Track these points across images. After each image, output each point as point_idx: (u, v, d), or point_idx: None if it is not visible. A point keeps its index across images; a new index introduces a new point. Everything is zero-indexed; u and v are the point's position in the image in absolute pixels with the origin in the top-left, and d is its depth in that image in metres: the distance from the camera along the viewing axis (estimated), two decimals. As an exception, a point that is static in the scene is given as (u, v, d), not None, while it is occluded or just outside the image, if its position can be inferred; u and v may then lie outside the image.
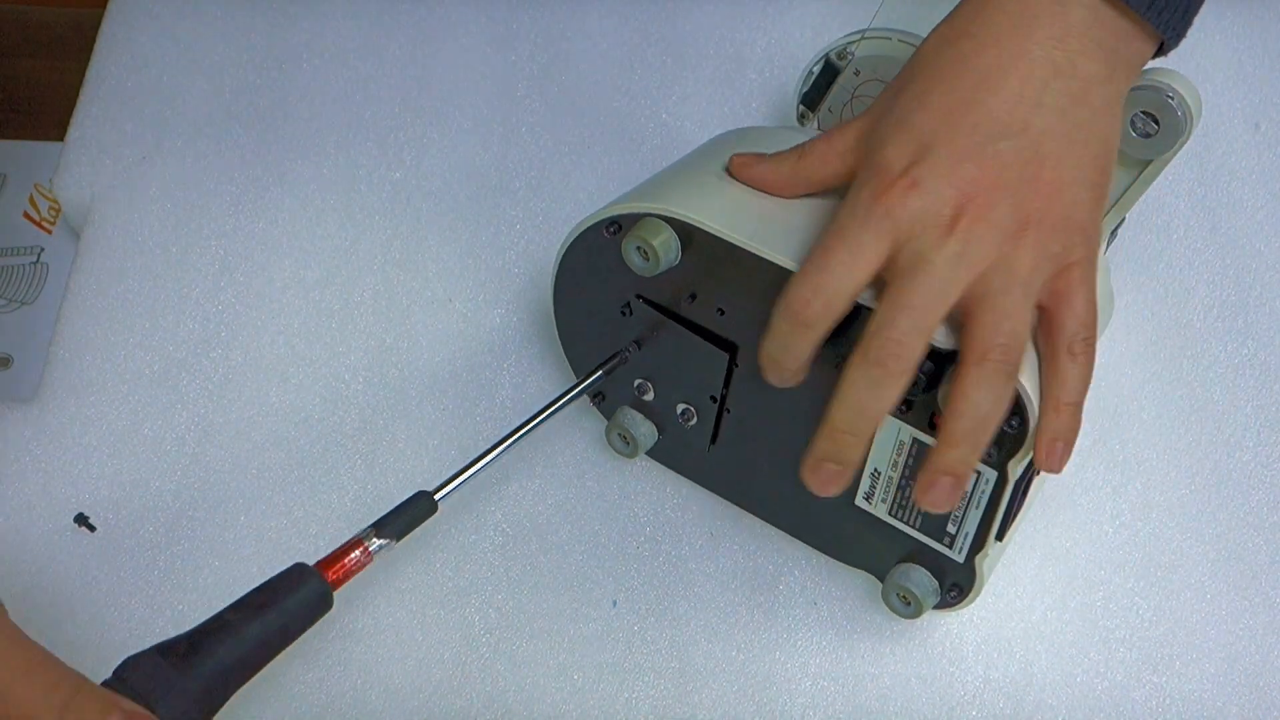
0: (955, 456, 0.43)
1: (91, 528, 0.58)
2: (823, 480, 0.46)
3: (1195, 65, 0.48)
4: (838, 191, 0.48)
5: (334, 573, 0.45)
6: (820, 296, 0.44)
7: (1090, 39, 0.44)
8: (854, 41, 0.58)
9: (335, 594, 0.45)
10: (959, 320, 0.44)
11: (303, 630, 0.44)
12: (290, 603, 0.44)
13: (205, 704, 0.41)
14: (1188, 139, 0.53)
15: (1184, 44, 0.47)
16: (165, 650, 0.41)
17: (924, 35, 0.47)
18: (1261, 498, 0.60)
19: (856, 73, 0.59)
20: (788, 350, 0.45)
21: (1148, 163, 0.55)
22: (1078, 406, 0.45)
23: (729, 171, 0.51)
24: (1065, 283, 0.44)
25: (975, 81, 0.44)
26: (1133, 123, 0.53)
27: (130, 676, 0.40)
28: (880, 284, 0.44)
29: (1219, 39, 0.75)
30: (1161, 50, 0.46)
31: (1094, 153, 0.44)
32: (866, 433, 0.44)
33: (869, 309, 0.44)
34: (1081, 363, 0.44)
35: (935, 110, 0.44)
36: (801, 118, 0.62)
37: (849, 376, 0.43)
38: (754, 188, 0.50)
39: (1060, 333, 0.44)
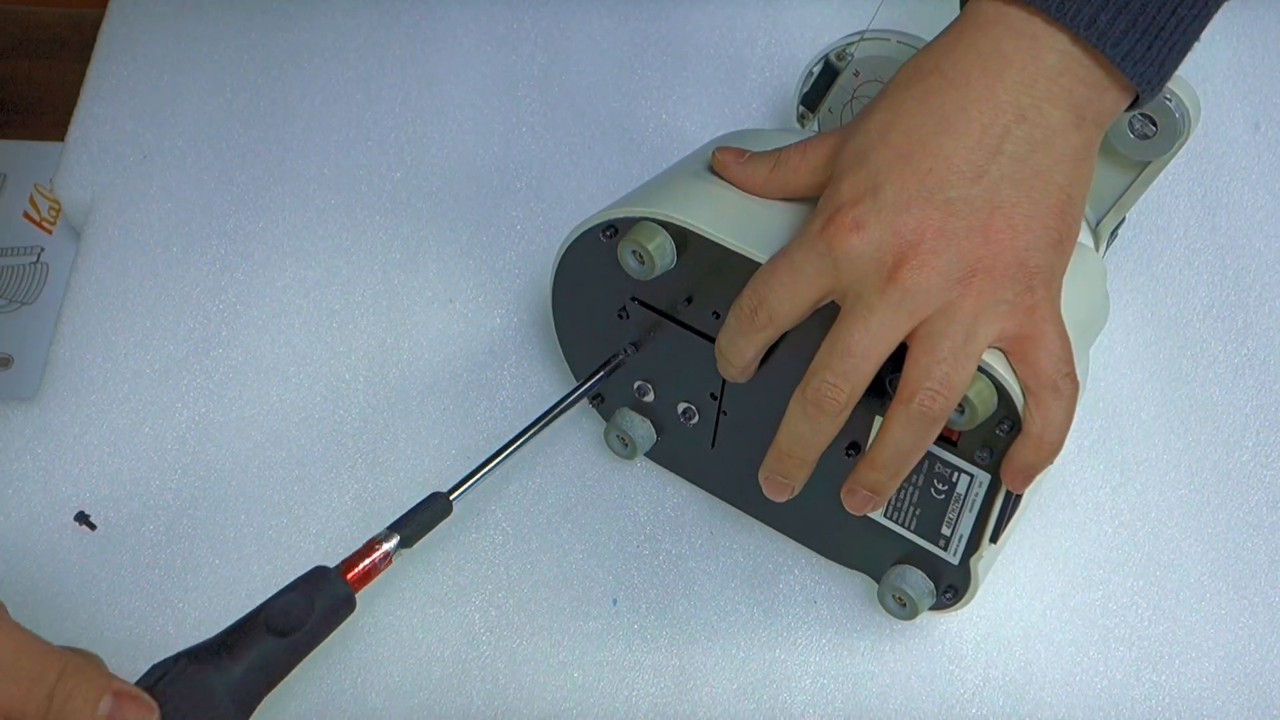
0: (875, 478, 0.45)
1: (92, 526, 0.59)
2: (773, 489, 0.48)
3: (1195, 65, 0.48)
4: None
5: (355, 575, 0.45)
6: (764, 308, 0.45)
7: (1060, 86, 0.43)
8: (853, 43, 0.58)
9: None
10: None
11: (329, 633, 0.44)
12: (316, 605, 0.43)
13: (236, 709, 0.41)
14: (1186, 140, 0.53)
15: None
16: (194, 655, 0.41)
17: (923, 37, 0.47)
18: (1261, 497, 0.60)
19: (856, 74, 0.59)
20: (734, 347, 0.47)
21: (1147, 163, 0.55)
22: (1060, 444, 0.45)
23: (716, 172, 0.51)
24: (1032, 324, 0.44)
25: (937, 123, 0.43)
26: (1130, 124, 0.53)
27: (160, 680, 0.40)
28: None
29: (1219, 39, 0.75)
30: (1136, 103, 0.46)
31: (1052, 200, 0.43)
32: (809, 458, 0.46)
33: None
34: (1067, 396, 0.44)
35: (893, 148, 0.43)
36: (801, 118, 0.62)
37: (791, 407, 0.45)
38: (734, 186, 0.51)
39: (1040, 373, 0.44)
